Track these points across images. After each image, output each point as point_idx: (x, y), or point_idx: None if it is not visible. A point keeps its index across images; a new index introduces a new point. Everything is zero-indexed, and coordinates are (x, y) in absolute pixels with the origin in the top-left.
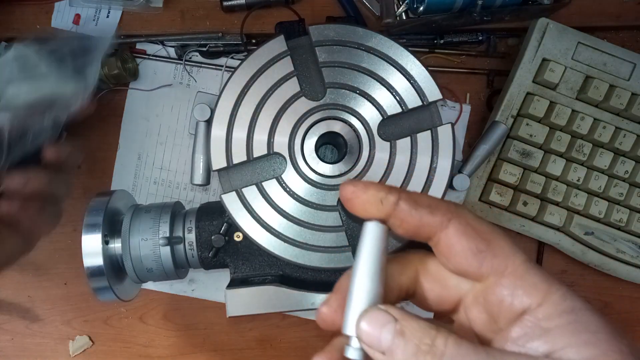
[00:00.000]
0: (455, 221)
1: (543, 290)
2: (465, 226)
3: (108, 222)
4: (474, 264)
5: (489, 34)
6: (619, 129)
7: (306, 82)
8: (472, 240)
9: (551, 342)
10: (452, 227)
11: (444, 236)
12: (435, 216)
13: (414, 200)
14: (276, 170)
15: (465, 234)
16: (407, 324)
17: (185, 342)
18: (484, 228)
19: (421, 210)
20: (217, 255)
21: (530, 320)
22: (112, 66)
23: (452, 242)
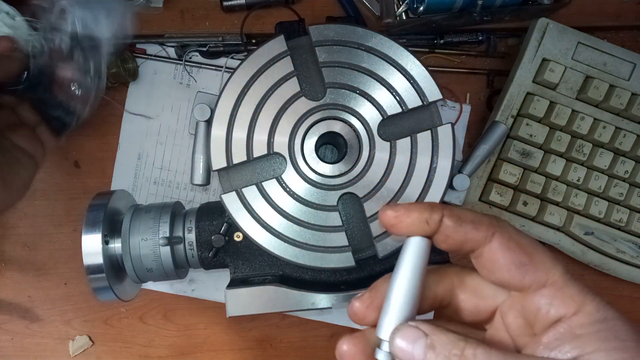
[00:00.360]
0: (498, 235)
1: (579, 301)
2: (508, 240)
3: (108, 222)
4: (516, 277)
5: (489, 34)
6: (619, 129)
7: (306, 82)
8: (515, 254)
9: (581, 347)
10: (496, 241)
11: (487, 250)
12: (480, 231)
13: (458, 217)
14: (276, 170)
15: (509, 247)
16: (437, 338)
17: (185, 342)
18: (526, 241)
19: (466, 226)
20: (217, 255)
21: (563, 327)
22: (111, 65)
23: (496, 256)
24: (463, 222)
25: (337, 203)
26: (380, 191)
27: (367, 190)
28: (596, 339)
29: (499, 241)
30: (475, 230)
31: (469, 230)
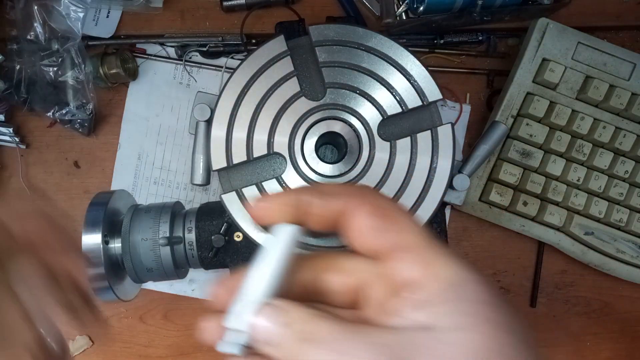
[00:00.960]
0: (362, 203)
1: (437, 265)
2: (373, 207)
3: (108, 222)
4: (377, 242)
5: (489, 34)
6: (619, 129)
7: (306, 82)
8: (377, 219)
9: (431, 313)
10: (361, 210)
11: (353, 220)
12: (346, 202)
13: (322, 192)
14: (276, 170)
15: (372, 213)
16: (293, 314)
17: (185, 342)
18: (390, 207)
19: (331, 199)
20: (217, 255)
21: (418, 293)
22: (111, 65)
23: (360, 223)
24: (328, 196)
25: None
26: (381, 191)
27: None
28: (447, 302)
29: (365, 209)
30: (341, 202)
31: (334, 203)
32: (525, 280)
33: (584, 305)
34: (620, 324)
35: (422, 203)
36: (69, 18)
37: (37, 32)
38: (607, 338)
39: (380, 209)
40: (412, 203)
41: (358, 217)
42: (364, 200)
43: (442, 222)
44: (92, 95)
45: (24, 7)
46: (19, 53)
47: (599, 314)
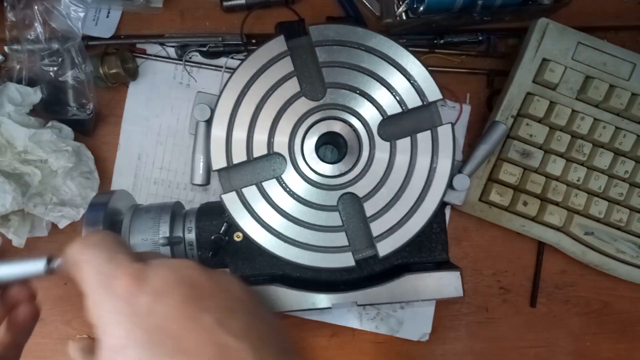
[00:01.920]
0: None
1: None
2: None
3: (108, 222)
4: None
5: (489, 34)
6: (619, 129)
7: (306, 82)
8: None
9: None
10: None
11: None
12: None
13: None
14: (276, 170)
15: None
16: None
17: None
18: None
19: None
20: (217, 255)
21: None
22: (111, 65)
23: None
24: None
25: (337, 203)
26: (380, 191)
27: (367, 190)
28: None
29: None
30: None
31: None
32: (525, 280)
33: (584, 305)
34: (620, 324)
35: (422, 203)
36: (69, 18)
37: (37, 32)
38: (607, 338)
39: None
40: (412, 203)
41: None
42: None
43: (442, 222)
44: (92, 95)
45: (24, 7)
46: (19, 53)
47: (599, 314)
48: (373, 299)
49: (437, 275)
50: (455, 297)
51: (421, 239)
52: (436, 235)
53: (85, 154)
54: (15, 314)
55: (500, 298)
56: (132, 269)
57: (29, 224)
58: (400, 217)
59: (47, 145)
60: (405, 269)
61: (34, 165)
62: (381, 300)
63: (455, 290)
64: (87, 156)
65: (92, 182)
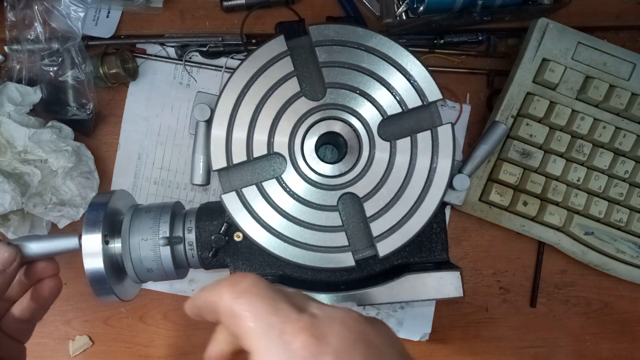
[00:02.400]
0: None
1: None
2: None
3: (108, 222)
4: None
5: (489, 34)
6: (619, 129)
7: (306, 82)
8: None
9: None
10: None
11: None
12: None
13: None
14: (276, 170)
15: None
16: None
17: (185, 342)
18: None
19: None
20: (217, 255)
21: None
22: (111, 65)
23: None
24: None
25: (337, 203)
26: (380, 191)
27: (367, 190)
28: None
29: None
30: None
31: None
32: (525, 280)
33: (584, 305)
34: (620, 324)
35: (422, 203)
36: (69, 18)
37: (37, 32)
38: (607, 338)
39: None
40: (412, 203)
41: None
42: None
43: (442, 222)
44: (92, 95)
45: (24, 7)
46: (19, 53)
47: (599, 314)
48: (373, 299)
49: (437, 275)
50: (455, 297)
51: (421, 239)
52: (436, 235)
53: (85, 154)
54: (41, 286)
55: (500, 298)
56: (304, 323)
57: (28, 223)
58: (400, 217)
59: (47, 145)
60: (405, 269)
61: (34, 165)
62: (381, 300)
63: (455, 290)
64: (87, 156)
65: (92, 182)
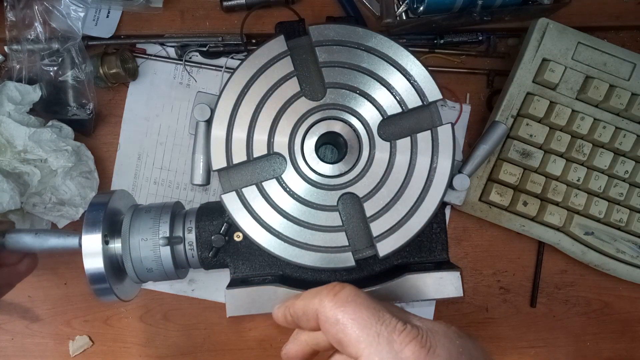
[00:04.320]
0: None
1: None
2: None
3: (108, 222)
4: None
5: (489, 34)
6: (619, 129)
7: (306, 82)
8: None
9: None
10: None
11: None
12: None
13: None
14: (276, 170)
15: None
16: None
17: (185, 342)
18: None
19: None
20: (217, 255)
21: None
22: (111, 65)
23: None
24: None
25: (337, 203)
26: (380, 191)
27: (367, 190)
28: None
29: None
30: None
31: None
32: (525, 280)
33: (584, 305)
34: (620, 324)
35: (422, 203)
36: (69, 18)
37: (37, 32)
38: (607, 338)
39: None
40: (412, 203)
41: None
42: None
43: (442, 222)
44: (92, 95)
45: (24, 7)
46: (19, 53)
47: (599, 314)
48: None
49: (437, 275)
50: (455, 297)
51: (421, 239)
52: (436, 235)
53: (85, 154)
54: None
55: (500, 298)
56: (412, 334)
57: (28, 223)
58: (400, 217)
59: (47, 144)
60: (405, 269)
61: (34, 164)
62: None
63: (455, 290)
64: (87, 156)
65: (92, 182)
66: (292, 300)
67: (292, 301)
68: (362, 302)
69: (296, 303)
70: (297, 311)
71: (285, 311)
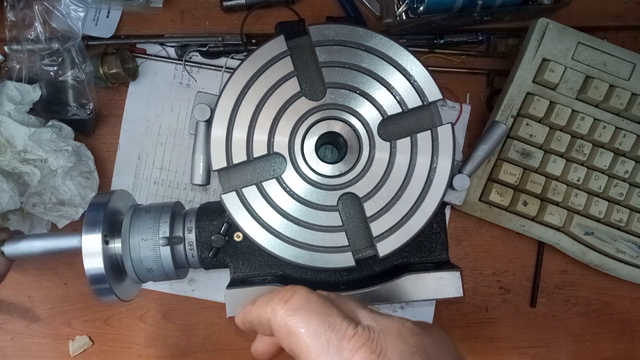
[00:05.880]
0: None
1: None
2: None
3: (108, 222)
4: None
5: (489, 34)
6: (619, 129)
7: (306, 82)
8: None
9: None
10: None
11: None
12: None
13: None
14: (276, 170)
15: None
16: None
17: (185, 342)
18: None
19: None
20: (217, 255)
21: None
22: (111, 65)
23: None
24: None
25: (337, 203)
26: (380, 191)
27: (367, 190)
28: None
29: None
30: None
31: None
32: (525, 280)
33: (584, 305)
34: (620, 324)
35: (422, 203)
36: (69, 18)
37: (37, 32)
38: (607, 338)
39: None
40: (412, 203)
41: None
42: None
43: (442, 222)
44: (92, 95)
45: (24, 7)
46: (19, 53)
47: (599, 314)
48: (373, 299)
49: (437, 275)
50: (455, 297)
51: (421, 239)
52: (436, 235)
53: (85, 154)
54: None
55: (500, 298)
56: (362, 338)
57: (28, 223)
58: (400, 217)
59: (47, 144)
60: (405, 269)
61: (34, 164)
62: (381, 300)
63: (455, 290)
64: (87, 156)
65: (92, 182)
66: (249, 307)
67: (248, 307)
68: (313, 307)
69: (252, 310)
70: (253, 319)
71: (243, 318)
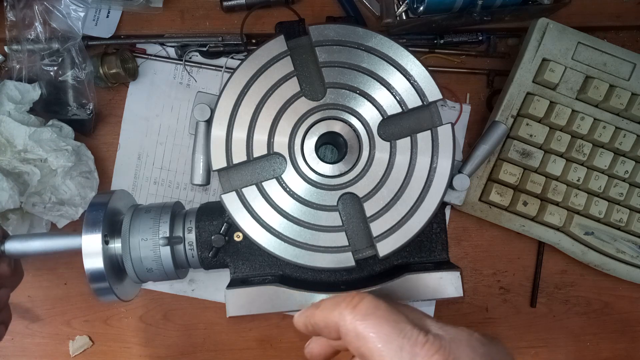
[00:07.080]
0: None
1: None
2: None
3: (108, 222)
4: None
5: (489, 34)
6: (619, 129)
7: (306, 82)
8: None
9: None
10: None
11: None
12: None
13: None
14: (276, 170)
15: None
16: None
17: (185, 342)
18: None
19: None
20: (217, 255)
21: None
22: (111, 65)
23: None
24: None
25: (337, 203)
26: (380, 191)
27: (367, 190)
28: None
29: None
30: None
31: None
32: (525, 280)
33: (584, 305)
34: (620, 324)
35: (422, 203)
36: (69, 18)
37: (38, 32)
38: (607, 338)
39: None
40: (412, 203)
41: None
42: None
43: (442, 222)
44: (92, 95)
45: (24, 7)
46: (19, 53)
47: (599, 314)
48: None
49: (437, 275)
50: (455, 297)
51: (421, 239)
52: (436, 235)
53: (85, 154)
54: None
55: (500, 298)
56: (435, 346)
57: (27, 223)
58: (400, 217)
59: (47, 144)
60: (405, 269)
61: (34, 164)
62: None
63: (455, 290)
64: (87, 156)
65: (92, 181)
66: (312, 310)
67: (312, 311)
68: (382, 314)
69: (316, 314)
70: (318, 322)
71: (306, 321)
